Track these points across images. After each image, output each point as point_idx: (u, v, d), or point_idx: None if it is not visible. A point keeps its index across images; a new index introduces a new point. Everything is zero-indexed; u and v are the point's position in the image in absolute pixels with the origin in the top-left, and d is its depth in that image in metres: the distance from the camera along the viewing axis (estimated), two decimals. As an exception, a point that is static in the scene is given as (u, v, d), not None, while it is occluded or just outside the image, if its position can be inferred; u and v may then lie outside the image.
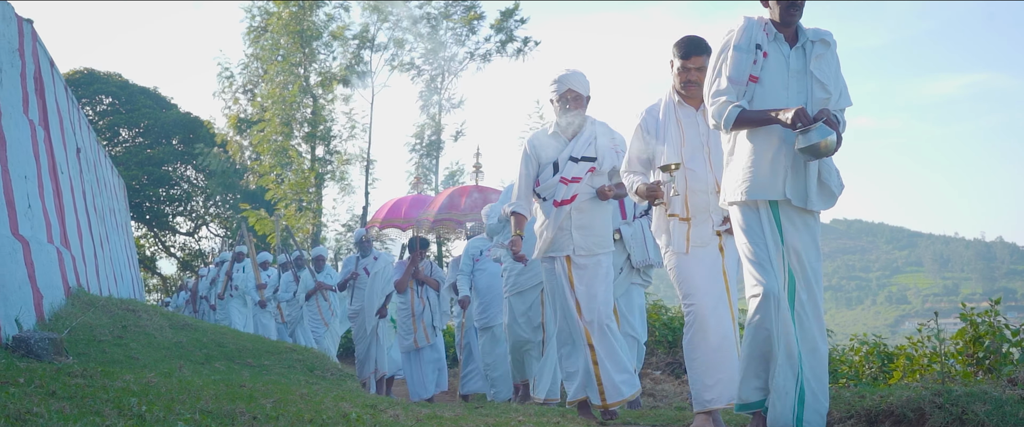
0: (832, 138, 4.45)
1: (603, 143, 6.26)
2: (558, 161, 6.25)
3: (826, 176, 4.76)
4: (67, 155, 10.22)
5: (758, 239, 4.78)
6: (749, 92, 4.80)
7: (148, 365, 6.35)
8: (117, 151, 40.30)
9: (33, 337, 5.43)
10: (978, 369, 7.15)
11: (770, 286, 4.67)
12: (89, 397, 4.14)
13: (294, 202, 29.01)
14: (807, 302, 4.71)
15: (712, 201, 5.50)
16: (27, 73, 8.03)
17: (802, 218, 4.77)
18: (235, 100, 32.81)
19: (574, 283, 6.16)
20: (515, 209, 6.43)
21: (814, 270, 4.75)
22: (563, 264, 6.21)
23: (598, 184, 6.26)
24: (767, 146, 4.76)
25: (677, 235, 5.57)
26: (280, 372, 7.81)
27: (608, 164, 6.25)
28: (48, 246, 7.73)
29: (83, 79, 41.00)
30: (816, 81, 4.76)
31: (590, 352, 6.05)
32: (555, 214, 6.19)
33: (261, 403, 4.80)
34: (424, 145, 31.56)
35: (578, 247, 6.18)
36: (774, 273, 4.71)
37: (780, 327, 4.66)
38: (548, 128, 6.45)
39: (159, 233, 43.99)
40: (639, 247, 7.71)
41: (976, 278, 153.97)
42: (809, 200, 4.72)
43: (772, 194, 4.74)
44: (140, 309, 9.20)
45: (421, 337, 11.24)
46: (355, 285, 11.97)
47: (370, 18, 30.60)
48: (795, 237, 4.74)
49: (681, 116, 5.63)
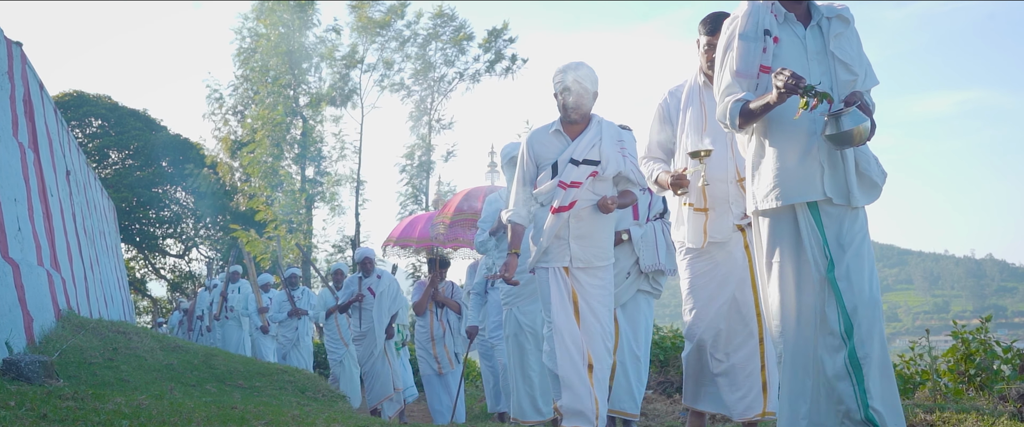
0: (866, 125, 3.98)
1: (608, 146, 5.58)
2: (558, 163, 5.58)
3: (865, 166, 4.22)
4: (57, 178, 10.20)
5: (788, 253, 4.25)
6: (762, 85, 4.27)
7: (139, 387, 6.33)
8: (107, 173, 40.17)
9: (24, 360, 5.41)
10: (969, 386, 7.16)
11: (786, 317, 4.20)
12: (80, 420, 4.13)
13: (284, 223, 28.97)
14: (869, 302, 4.11)
15: (732, 191, 5.07)
16: (16, 96, 8.02)
17: (847, 216, 4.21)
18: (225, 122, 32.83)
19: (577, 297, 5.54)
20: (512, 219, 5.74)
21: (868, 267, 4.18)
22: (560, 275, 5.58)
23: (601, 190, 5.61)
24: (795, 140, 4.23)
25: (693, 227, 5.13)
26: (271, 393, 7.79)
27: (612, 169, 5.58)
28: (38, 269, 7.71)
29: (72, 101, 40.88)
30: (839, 62, 4.24)
31: (587, 373, 5.46)
32: (552, 222, 5.52)
33: (253, 424, 4.79)
34: (415, 166, 31.59)
35: (576, 258, 5.55)
36: (808, 291, 4.18)
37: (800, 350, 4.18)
38: (549, 126, 5.75)
39: (149, 255, 43.78)
40: (650, 250, 6.76)
41: (966, 295, 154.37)
42: (852, 195, 4.17)
43: (810, 194, 4.19)
44: (131, 331, 9.17)
45: (445, 363, 10.77)
46: (360, 307, 11.31)
47: (359, 39, 30.73)
48: (843, 238, 4.18)
49: (705, 98, 5.16)
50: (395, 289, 11.52)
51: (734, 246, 5.17)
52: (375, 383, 11.21)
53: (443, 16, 31.32)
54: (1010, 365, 6.97)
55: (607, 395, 5.62)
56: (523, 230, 5.78)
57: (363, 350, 11.30)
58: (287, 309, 14.32)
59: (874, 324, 4.06)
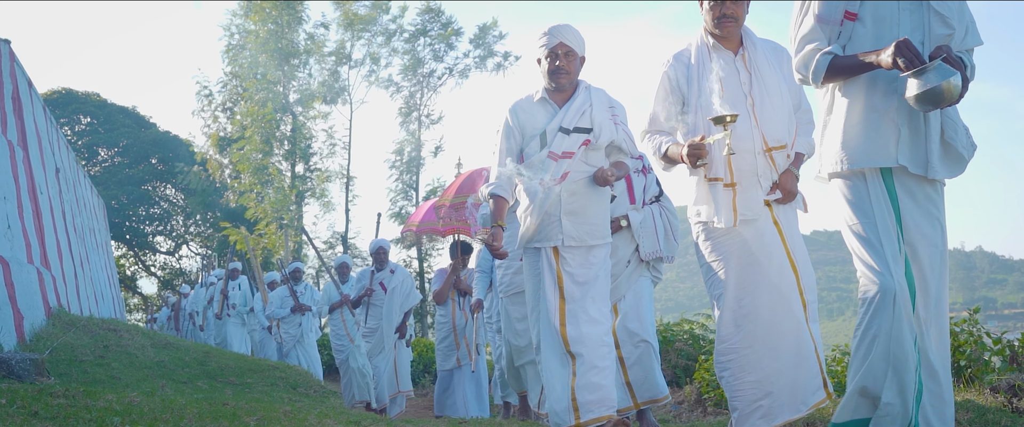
0: (956, 80, 3.46)
1: (599, 112, 5.13)
2: (546, 132, 5.10)
3: (951, 134, 3.73)
4: (46, 175, 10.17)
5: (869, 219, 3.78)
6: (845, 33, 3.84)
7: (130, 385, 6.33)
8: (96, 171, 40.06)
9: (14, 358, 5.39)
10: (959, 378, 7.17)
11: (886, 283, 3.66)
12: (71, 417, 4.12)
13: (275, 220, 28.92)
14: (933, 301, 3.82)
15: (760, 163, 4.53)
16: (5, 93, 8.00)
17: (923, 190, 3.79)
18: (214, 118, 32.76)
19: (562, 281, 5.07)
20: (494, 191, 5.15)
21: (939, 258, 3.81)
22: (549, 256, 5.12)
23: (594, 161, 5.16)
24: (873, 99, 3.78)
25: (722, 204, 4.52)
26: (263, 390, 7.78)
27: (606, 137, 5.14)
28: (28, 266, 7.69)
29: (61, 99, 40.78)
30: (935, 14, 3.72)
31: (572, 362, 4.99)
32: (541, 197, 5.02)
33: (244, 421, 4.78)
34: (404, 162, 31.58)
35: (568, 237, 5.08)
36: (893, 264, 3.70)
37: (895, 334, 3.67)
38: (533, 94, 5.26)
39: (139, 252, 43.70)
40: (649, 237, 6.24)
41: (956, 288, 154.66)
42: (930, 166, 3.71)
43: (882, 160, 3.74)
44: (121, 329, 9.16)
45: (464, 355, 10.08)
46: (371, 302, 10.74)
47: (345, 34, 30.72)
48: (916, 215, 3.77)
49: (717, 61, 4.59)
50: (409, 285, 10.90)
51: (764, 223, 4.60)
52: (383, 382, 10.69)
53: (431, 12, 31.30)
54: (1000, 357, 6.98)
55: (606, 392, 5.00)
56: (506, 205, 5.19)
57: (373, 347, 10.74)
58: (290, 305, 13.73)
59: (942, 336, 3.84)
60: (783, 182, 4.59)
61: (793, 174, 4.65)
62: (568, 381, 4.97)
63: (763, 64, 4.58)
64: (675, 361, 10.27)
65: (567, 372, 4.99)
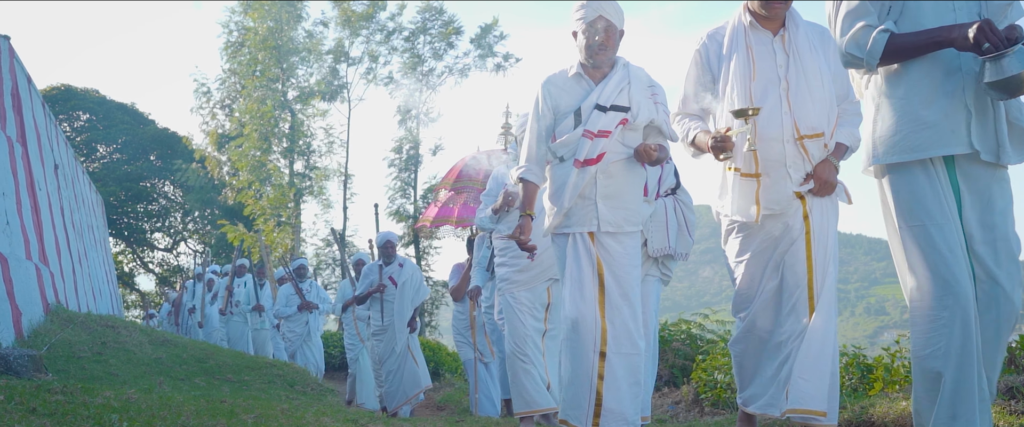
0: None
1: (638, 91, 4.76)
2: (581, 110, 4.74)
3: (1016, 114, 3.40)
4: (45, 172, 10.17)
5: (932, 218, 3.43)
6: (895, 9, 3.51)
7: (128, 381, 6.33)
8: (95, 167, 40.03)
9: (12, 354, 5.39)
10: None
11: (963, 294, 3.34)
12: (69, 414, 4.12)
13: (273, 218, 28.89)
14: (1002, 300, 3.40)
15: (789, 151, 4.20)
16: (4, 90, 8.00)
17: (991, 177, 3.44)
18: (212, 115, 32.73)
19: (602, 270, 4.68)
20: (524, 175, 4.88)
21: (1009, 251, 3.40)
22: (586, 242, 4.73)
23: (631, 142, 4.76)
24: (933, 77, 3.42)
25: (742, 197, 4.26)
26: (260, 387, 7.79)
27: (644, 117, 4.75)
28: (27, 263, 7.69)
29: (60, 95, 40.75)
30: None
31: (599, 361, 4.61)
32: (576, 177, 4.68)
33: (242, 418, 4.78)
34: (403, 160, 31.54)
35: (604, 221, 4.70)
36: (961, 267, 3.37)
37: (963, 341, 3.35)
38: (568, 69, 4.91)
39: (137, 249, 43.66)
40: (659, 232, 5.85)
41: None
42: (1003, 150, 3.38)
43: (954, 146, 3.38)
44: (119, 325, 9.16)
45: (485, 350, 9.67)
46: (381, 298, 10.21)
47: (342, 32, 30.71)
48: (981, 205, 3.44)
49: (753, 42, 4.32)
50: (418, 279, 10.47)
51: (793, 217, 4.31)
52: (399, 383, 10.16)
53: (431, 10, 31.28)
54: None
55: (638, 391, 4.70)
56: (536, 190, 4.92)
57: (384, 347, 10.23)
58: (296, 303, 13.40)
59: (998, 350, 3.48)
60: (819, 172, 4.26)
61: (832, 164, 4.31)
62: (593, 383, 4.61)
63: (804, 47, 4.29)
64: (672, 361, 10.26)
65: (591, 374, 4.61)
